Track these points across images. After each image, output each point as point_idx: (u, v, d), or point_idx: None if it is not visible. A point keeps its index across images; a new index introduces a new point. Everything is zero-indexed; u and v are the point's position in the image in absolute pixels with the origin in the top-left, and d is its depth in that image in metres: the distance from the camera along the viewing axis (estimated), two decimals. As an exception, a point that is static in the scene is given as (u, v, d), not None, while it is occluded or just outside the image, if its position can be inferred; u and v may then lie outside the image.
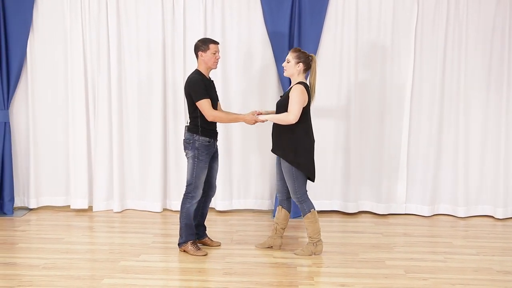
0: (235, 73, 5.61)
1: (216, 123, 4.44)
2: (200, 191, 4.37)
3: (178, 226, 4.45)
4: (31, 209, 5.82)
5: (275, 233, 4.56)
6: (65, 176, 5.82)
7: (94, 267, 4.11)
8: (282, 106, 4.28)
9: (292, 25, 5.44)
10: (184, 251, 4.44)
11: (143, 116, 5.68)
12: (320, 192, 5.73)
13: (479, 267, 4.19)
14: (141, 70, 5.63)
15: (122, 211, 5.78)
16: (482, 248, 4.67)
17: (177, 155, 5.69)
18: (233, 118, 4.39)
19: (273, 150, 4.39)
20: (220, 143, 5.65)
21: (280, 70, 5.42)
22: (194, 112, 4.33)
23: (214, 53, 4.32)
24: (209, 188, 4.56)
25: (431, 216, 5.72)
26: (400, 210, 5.75)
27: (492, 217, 5.70)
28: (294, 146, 4.23)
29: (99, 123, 5.68)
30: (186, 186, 4.37)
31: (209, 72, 4.43)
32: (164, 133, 5.69)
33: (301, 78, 4.30)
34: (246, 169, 5.75)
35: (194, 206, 4.39)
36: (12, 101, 5.66)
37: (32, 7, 5.51)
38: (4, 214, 5.62)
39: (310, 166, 4.32)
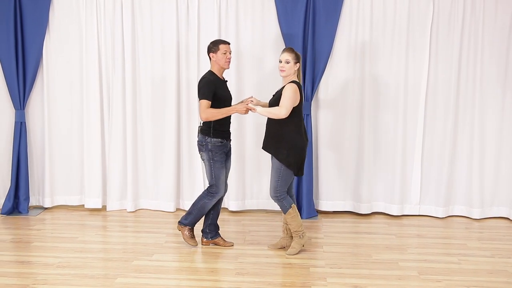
0: (249, 73, 5.62)
1: (229, 123, 4.49)
2: (222, 189, 4.48)
3: (188, 210, 4.55)
4: (46, 208, 5.87)
5: (286, 233, 4.56)
6: (79, 176, 5.87)
7: (107, 266, 4.13)
8: (275, 104, 4.31)
9: (306, 25, 5.43)
10: (179, 230, 4.61)
11: (157, 116, 5.71)
12: (333, 193, 5.72)
13: (494, 269, 4.15)
14: (155, 70, 5.66)
15: (136, 210, 5.81)
16: (497, 250, 4.62)
17: (191, 155, 5.71)
18: (225, 111, 4.37)
19: (264, 148, 4.42)
20: (233, 143, 5.66)
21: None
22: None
23: (225, 53, 4.37)
24: None
25: (445, 217, 5.67)
26: (413, 211, 5.71)
27: (508, 219, 5.63)
28: (286, 145, 4.27)
29: (113, 123, 5.72)
30: (209, 186, 4.46)
31: (222, 73, 4.46)
32: (177, 133, 5.71)
33: (295, 77, 4.35)
34: (259, 169, 5.76)
35: (212, 203, 4.49)
36: (28, 101, 5.72)
37: (48, 8, 5.57)
38: (20, 213, 5.68)
39: (300, 165, 4.35)
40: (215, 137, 4.37)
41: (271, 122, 4.35)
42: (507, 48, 5.45)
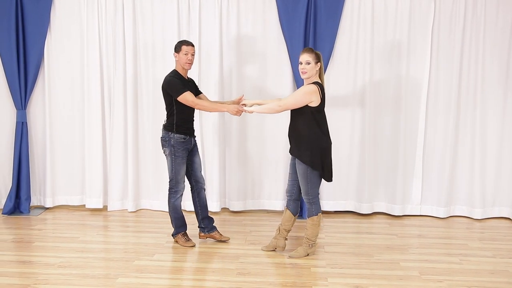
0: (250, 72, 5.61)
1: (192, 120, 4.62)
2: (181, 185, 4.60)
3: (172, 223, 4.70)
4: (47, 208, 5.88)
5: (278, 233, 4.53)
6: (80, 176, 5.87)
7: (108, 266, 4.13)
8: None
9: (308, 25, 5.43)
10: (176, 241, 4.71)
11: (158, 116, 5.70)
12: (334, 193, 5.72)
13: (495, 270, 4.15)
14: (156, 70, 5.66)
15: (137, 210, 5.82)
16: (498, 250, 4.62)
17: (192, 155, 5.71)
18: (217, 107, 4.52)
19: (290, 151, 4.37)
20: (235, 144, 5.67)
21: (295, 69, 5.42)
22: (170, 110, 4.52)
23: (186, 54, 4.47)
24: (196, 182, 4.74)
25: (447, 217, 5.67)
26: (415, 212, 5.71)
27: (509, 219, 5.63)
28: (310, 146, 4.19)
29: (114, 123, 5.72)
30: (169, 182, 4.60)
31: (186, 73, 4.57)
32: (178, 133, 5.71)
33: (317, 78, 4.28)
34: (260, 170, 5.75)
35: (179, 200, 4.64)
36: (29, 101, 5.73)
37: (50, 8, 5.58)
38: (21, 213, 5.68)
39: (326, 167, 4.27)
40: (178, 133, 4.51)
41: (293, 125, 4.28)
42: (509, 48, 5.45)
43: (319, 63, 4.24)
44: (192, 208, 5.70)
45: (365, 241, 4.85)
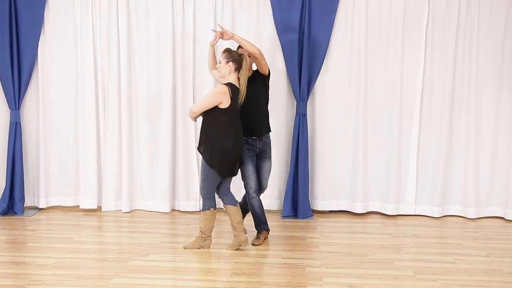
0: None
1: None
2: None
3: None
4: (41, 209, 5.85)
5: (235, 230, 4.55)
6: (74, 176, 5.84)
7: (103, 266, 4.12)
8: None
9: (302, 24, 5.43)
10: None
11: (153, 116, 5.69)
12: (329, 192, 5.72)
13: (489, 269, 4.16)
14: (151, 69, 5.65)
15: (131, 211, 5.80)
16: (492, 250, 4.64)
17: (186, 156, 5.70)
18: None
19: (197, 147, 4.54)
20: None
21: (289, 68, 5.43)
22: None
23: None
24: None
25: (441, 217, 5.68)
26: (409, 211, 5.72)
27: (503, 218, 5.65)
28: (211, 146, 4.34)
29: (108, 123, 5.71)
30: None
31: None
32: (173, 134, 5.70)
33: (232, 78, 4.38)
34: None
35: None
36: (23, 101, 5.70)
37: (44, 8, 5.55)
38: (15, 213, 5.66)
39: (225, 166, 4.38)
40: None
41: (203, 124, 4.43)
42: (502, 47, 5.47)
43: (230, 63, 4.33)
44: (185, 209, 5.74)
45: (359, 240, 4.85)
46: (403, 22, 5.47)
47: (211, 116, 4.35)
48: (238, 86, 4.36)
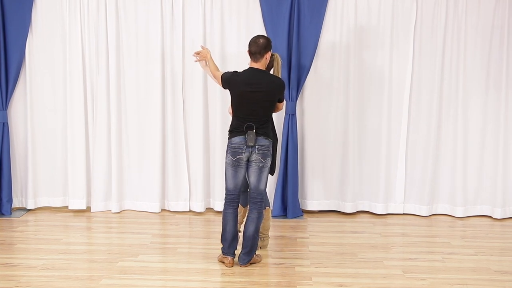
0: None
1: None
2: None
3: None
4: (29, 210, 5.81)
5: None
6: (63, 177, 5.81)
7: (92, 267, 4.11)
8: None
9: (292, 24, 5.44)
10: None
11: (142, 117, 5.67)
12: (319, 192, 5.74)
13: (477, 267, 4.20)
14: (139, 70, 5.62)
15: (120, 211, 5.78)
16: (480, 248, 4.68)
17: (176, 156, 5.69)
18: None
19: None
20: (219, 145, 5.65)
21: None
22: (270, 115, 4.19)
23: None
24: None
25: (429, 216, 5.72)
26: (398, 210, 5.75)
27: (490, 217, 5.70)
28: (275, 141, 4.36)
29: (97, 124, 5.68)
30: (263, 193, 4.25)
31: None
32: (162, 134, 5.68)
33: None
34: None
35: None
36: (10, 101, 5.66)
37: (31, 8, 5.51)
38: (2, 214, 5.61)
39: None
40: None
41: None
42: (489, 48, 5.51)
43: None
44: (175, 209, 5.73)
45: (349, 240, 4.87)
46: (392, 23, 5.50)
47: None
48: None
